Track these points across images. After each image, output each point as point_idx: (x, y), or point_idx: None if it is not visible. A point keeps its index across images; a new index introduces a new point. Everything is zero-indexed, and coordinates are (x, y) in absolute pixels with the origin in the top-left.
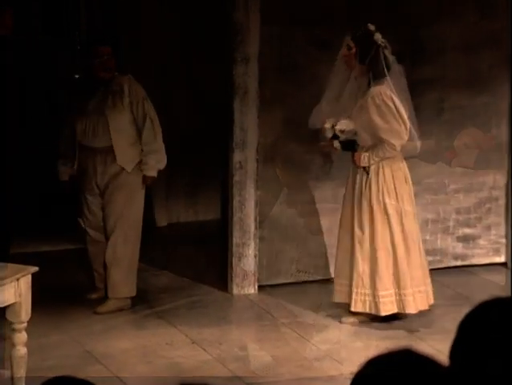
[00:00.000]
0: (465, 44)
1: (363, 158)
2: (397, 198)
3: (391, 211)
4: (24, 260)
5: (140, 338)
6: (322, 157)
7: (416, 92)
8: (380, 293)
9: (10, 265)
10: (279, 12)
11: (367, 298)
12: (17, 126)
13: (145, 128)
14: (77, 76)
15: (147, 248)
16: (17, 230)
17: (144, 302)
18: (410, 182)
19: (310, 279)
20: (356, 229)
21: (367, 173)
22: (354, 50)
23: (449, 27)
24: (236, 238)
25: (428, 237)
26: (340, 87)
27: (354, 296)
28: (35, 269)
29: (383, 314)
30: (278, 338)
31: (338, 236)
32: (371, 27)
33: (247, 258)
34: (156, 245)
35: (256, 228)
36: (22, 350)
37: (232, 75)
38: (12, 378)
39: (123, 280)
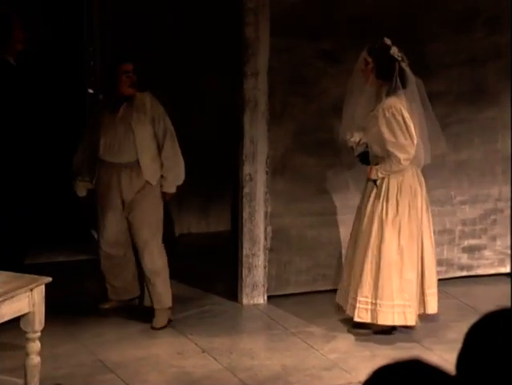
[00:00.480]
0: (472, 58)
1: (374, 171)
2: (398, 212)
3: (386, 224)
4: (38, 270)
5: (152, 348)
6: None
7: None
8: (358, 298)
9: (24, 276)
10: (288, 26)
11: (351, 302)
12: (33, 138)
13: (165, 144)
14: (91, 91)
15: None
16: (31, 241)
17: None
18: (420, 196)
19: (319, 289)
20: (358, 237)
21: (376, 186)
22: (371, 64)
23: (457, 42)
24: (246, 249)
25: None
26: (357, 100)
27: (357, 304)
28: (49, 279)
29: (356, 319)
30: (287, 347)
31: (347, 245)
32: (388, 41)
33: (257, 269)
34: (168, 255)
35: (265, 239)
36: (35, 359)
37: (242, 89)
38: None
39: (166, 290)
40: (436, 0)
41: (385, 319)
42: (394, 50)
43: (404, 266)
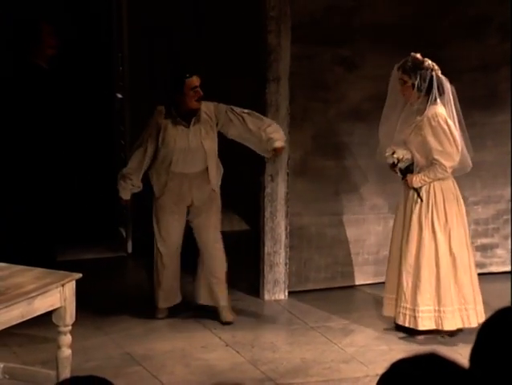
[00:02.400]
0: (485, 64)
1: (415, 179)
2: (446, 219)
3: (438, 231)
4: (69, 267)
5: (178, 341)
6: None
7: None
8: (420, 308)
9: (56, 272)
10: (308, 34)
11: (407, 312)
12: (63, 140)
13: (247, 119)
14: (120, 96)
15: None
16: (62, 239)
17: (182, 307)
18: (462, 202)
19: (337, 286)
20: (404, 245)
21: (419, 195)
22: (409, 82)
23: (470, 48)
24: (267, 247)
25: None
26: (397, 118)
27: (397, 309)
28: (79, 275)
29: (421, 328)
30: (307, 341)
31: (389, 252)
32: (418, 55)
33: (278, 266)
34: (193, 253)
35: (286, 237)
36: (66, 352)
37: (264, 94)
38: (57, 378)
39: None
40: (449, 7)
41: (450, 325)
42: (428, 62)
43: (458, 272)
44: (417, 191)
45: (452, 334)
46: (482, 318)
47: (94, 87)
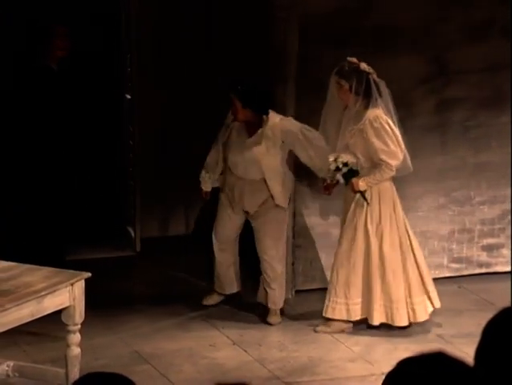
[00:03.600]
0: (490, 66)
1: (361, 183)
2: (380, 220)
3: (371, 233)
4: (77, 266)
5: (186, 340)
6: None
7: (444, 111)
8: (353, 300)
9: (65, 271)
10: (315, 35)
11: (336, 306)
12: (72, 140)
13: (306, 148)
14: (128, 97)
15: (194, 256)
16: (71, 238)
17: (190, 306)
18: (399, 204)
19: None
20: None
21: (365, 198)
22: (346, 86)
23: (475, 50)
24: None
25: (454, 246)
26: (334, 124)
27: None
28: (88, 274)
29: (353, 319)
30: (313, 340)
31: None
32: (354, 59)
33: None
34: (201, 252)
35: (293, 237)
36: (75, 350)
37: (272, 95)
38: (67, 376)
39: (281, 294)
40: (455, 10)
41: (376, 319)
42: (363, 66)
43: (386, 273)
44: (363, 194)
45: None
46: (415, 318)
47: (103, 88)
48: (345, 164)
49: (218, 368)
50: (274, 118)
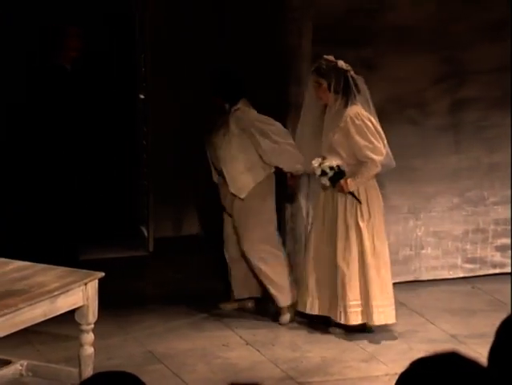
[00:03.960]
0: (504, 65)
1: (350, 183)
2: (370, 217)
3: (363, 229)
4: (91, 266)
5: (199, 340)
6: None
7: (458, 110)
8: (350, 303)
9: (79, 271)
10: (329, 35)
11: (359, 310)
12: (84, 140)
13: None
14: (142, 96)
15: (207, 256)
16: (84, 238)
17: (203, 306)
18: (381, 199)
19: None
20: (332, 247)
21: (356, 198)
22: (324, 84)
23: (488, 50)
24: (288, 247)
25: (468, 247)
26: (318, 121)
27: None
28: (101, 274)
29: (352, 323)
30: (327, 340)
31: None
32: (331, 57)
33: (298, 265)
34: (215, 252)
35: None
36: (89, 350)
37: (286, 94)
38: (80, 375)
39: (280, 292)
40: (468, 10)
41: (379, 320)
42: (341, 63)
43: (381, 268)
44: (353, 194)
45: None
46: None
47: (117, 88)
48: (331, 168)
49: (231, 368)
50: (242, 108)
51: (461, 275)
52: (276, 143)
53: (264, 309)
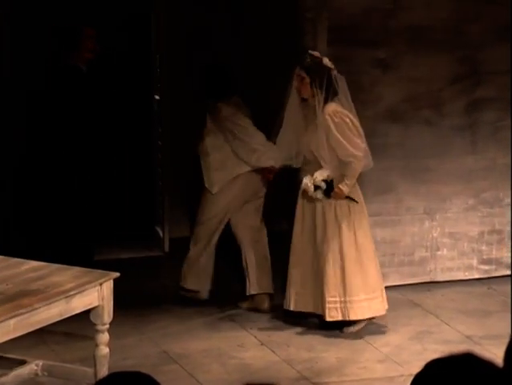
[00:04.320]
0: None
1: (343, 188)
2: (350, 213)
3: (342, 224)
4: (106, 266)
5: (214, 340)
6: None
7: (474, 111)
8: (327, 299)
9: (94, 271)
10: (344, 35)
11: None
12: (99, 141)
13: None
14: (157, 97)
15: (222, 256)
16: (99, 238)
17: (218, 306)
18: (360, 194)
19: None
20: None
21: (353, 199)
22: (307, 79)
23: (506, 50)
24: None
25: (484, 248)
26: (297, 116)
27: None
28: (117, 274)
29: (328, 319)
30: (342, 341)
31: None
32: (316, 53)
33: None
34: (230, 252)
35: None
36: (104, 350)
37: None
38: (95, 375)
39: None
40: (486, 9)
41: (356, 314)
42: (326, 61)
43: (364, 262)
44: (349, 197)
45: (356, 323)
46: (386, 305)
47: (132, 89)
48: (324, 181)
49: (246, 368)
50: (220, 106)
51: (477, 276)
52: (243, 141)
53: (279, 309)
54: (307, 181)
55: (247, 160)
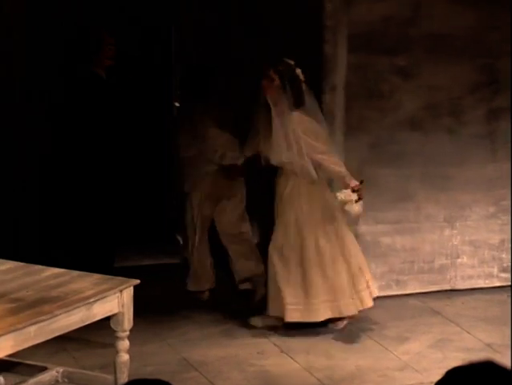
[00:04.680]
0: None
1: (353, 184)
2: (313, 214)
3: (304, 227)
4: (126, 273)
5: (234, 347)
6: None
7: (494, 119)
8: (288, 300)
9: (114, 278)
10: (364, 43)
11: (300, 307)
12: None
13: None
14: (177, 104)
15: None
16: (120, 246)
17: (238, 313)
18: (326, 198)
19: (392, 294)
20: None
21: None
22: (278, 82)
23: None
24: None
25: (504, 256)
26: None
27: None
28: (137, 281)
29: (288, 320)
30: (362, 348)
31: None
32: (291, 62)
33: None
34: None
35: None
36: (124, 357)
37: (321, 103)
38: (115, 382)
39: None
40: (506, 18)
41: (316, 316)
42: (298, 71)
43: (326, 265)
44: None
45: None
46: (363, 305)
47: (152, 97)
48: (352, 190)
49: (266, 376)
50: (195, 106)
51: (497, 284)
52: (206, 142)
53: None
54: (346, 199)
55: (211, 158)
